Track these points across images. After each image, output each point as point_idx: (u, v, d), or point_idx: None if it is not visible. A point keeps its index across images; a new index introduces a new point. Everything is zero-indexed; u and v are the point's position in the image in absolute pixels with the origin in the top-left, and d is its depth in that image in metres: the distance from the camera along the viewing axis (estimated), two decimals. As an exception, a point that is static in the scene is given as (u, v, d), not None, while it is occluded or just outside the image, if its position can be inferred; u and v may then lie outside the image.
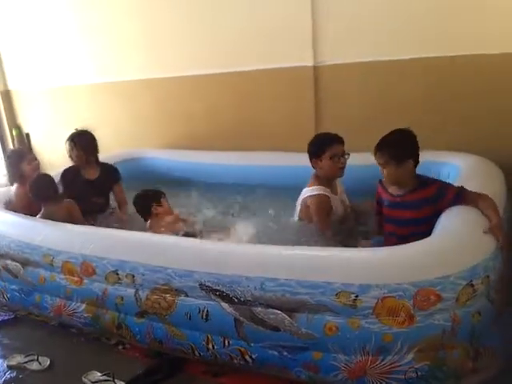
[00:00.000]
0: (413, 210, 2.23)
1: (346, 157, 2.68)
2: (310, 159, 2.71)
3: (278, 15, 3.56)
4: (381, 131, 3.38)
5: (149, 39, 4.18)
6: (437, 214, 2.14)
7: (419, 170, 2.29)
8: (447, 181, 2.90)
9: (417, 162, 2.24)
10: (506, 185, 2.62)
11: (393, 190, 2.31)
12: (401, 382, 1.75)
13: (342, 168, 2.68)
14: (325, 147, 2.65)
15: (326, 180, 2.70)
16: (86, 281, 2.36)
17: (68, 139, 3.32)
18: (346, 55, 3.43)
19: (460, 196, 2.14)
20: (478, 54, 3.06)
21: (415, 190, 2.24)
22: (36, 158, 3.36)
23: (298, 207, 2.75)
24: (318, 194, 2.63)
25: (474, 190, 2.20)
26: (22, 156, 3.30)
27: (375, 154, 2.25)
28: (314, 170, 2.73)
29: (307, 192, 2.69)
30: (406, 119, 3.34)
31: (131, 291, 2.22)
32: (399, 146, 2.22)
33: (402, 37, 3.25)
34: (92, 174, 3.36)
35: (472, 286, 1.74)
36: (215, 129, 3.94)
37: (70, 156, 3.34)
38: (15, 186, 3.25)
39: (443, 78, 3.22)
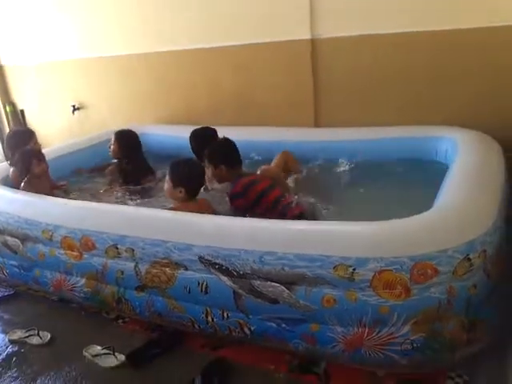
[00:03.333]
0: None
1: None
2: None
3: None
4: (378, 104, 3.40)
5: (146, 12, 4.10)
6: None
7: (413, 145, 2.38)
8: (443, 155, 2.93)
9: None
10: (504, 159, 2.62)
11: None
12: (397, 354, 1.78)
13: None
14: None
15: None
16: (85, 255, 2.37)
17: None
18: (344, 28, 3.39)
19: None
20: (479, 28, 3.02)
21: None
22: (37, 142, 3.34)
23: None
24: None
25: (470, 165, 2.24)
26: (30, 137, 3.27)
27: None
28: None
29: None
30: (403, 92, 3.36)
31: (131, 265, 2.23)
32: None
33: (399, 10, 3.20)
34: None
35: (469, 259, 1.75)
36: (214, 103, 3.90)
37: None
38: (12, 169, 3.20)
39: (441, 52, 3.19)
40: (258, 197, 2.51)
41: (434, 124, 3.19)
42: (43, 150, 3.23)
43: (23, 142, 3.26)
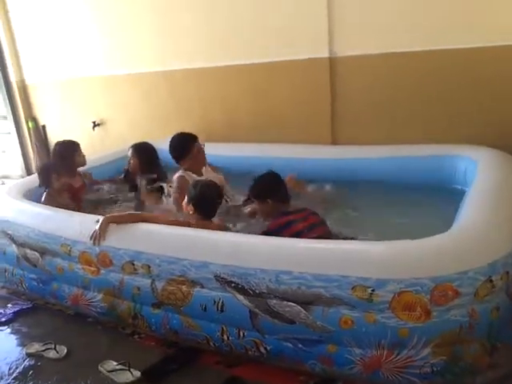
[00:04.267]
0: None
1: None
2: None
3: (293, 7, 3.53)
4: (396, 122, 3.39)
5: (165, 31, 4.18)
6: None
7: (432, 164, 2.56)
8: (464, 175, 2.89)
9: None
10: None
11: None
12: (416, 377, 1.75)
13: None
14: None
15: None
16: (102, 271, 2.39)
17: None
18: (361, 47, 3.40)
19: None
20: (498, 46, 3.00)
21: None
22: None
23: None
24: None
25: (490, 184, 2.20)
26: (75, 148, 3.36)
27: None
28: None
29: None
30: (422, 111, 3.34)
31: (147, 282, 2.24)
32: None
33: (416, 28, 3.20)
34: None
35: (491, 281, 1.72)
36: (231, 121, 3.93)
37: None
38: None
39: (460, 71, 3.17)
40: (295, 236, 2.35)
41: (452, 142, 3.16)
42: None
43: (68, 152, 3.35)
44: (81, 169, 3.48)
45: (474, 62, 3.11)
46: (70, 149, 3.37)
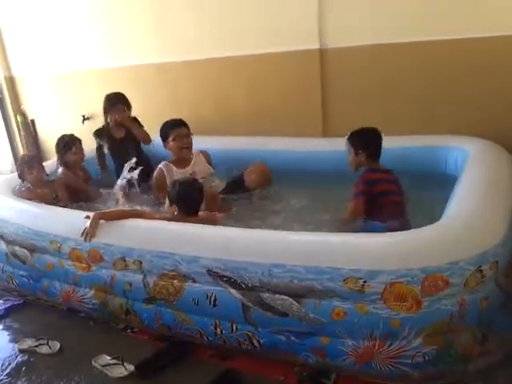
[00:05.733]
0: None
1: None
2: None
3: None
4: (387, 113, 3.39)
5: (157, 23, 4.13)
6: None
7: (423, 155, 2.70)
8: (454, 165, 2.91)
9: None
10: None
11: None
12: (409, 367, 1.77)
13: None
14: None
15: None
16: (93, 267, 2.38)
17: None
18: (351, 38, 3.39)
19: None
20: (492, 37, 3.00)
21: None
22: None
23: None
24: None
25: (482, 174, 2.21)
26: (70, 144, 3.36)
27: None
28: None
29: None
30: (411, 102, 3.35)
31: (139, 277, 2.23)
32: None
33: (407, 19, 3.19)
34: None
35: (481, 271, 1.74)
36: (224, 113, 3.91)
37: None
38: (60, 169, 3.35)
39: (452, 62, 3.17)
40: (379, 194, 2.51)
41: (443, 133, 3.17)
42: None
43: (66, 148, 3.36)
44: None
45: (466, 53, 3.10)
46: (62, 146, 3.37)
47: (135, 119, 3.67)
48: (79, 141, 3.42)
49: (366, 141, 2.62)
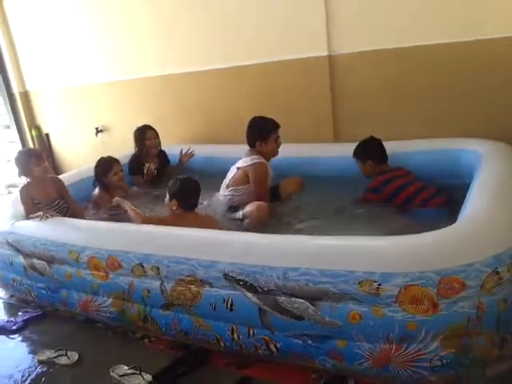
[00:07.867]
0: None
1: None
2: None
3: (290, 6, 3.55)
4: (397, 117, 3.39)
5: (164, 36, 4.21)
6: None
7: (435, 158, 2.99)
8: (467, 168, 2.90)
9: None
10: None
11: None
12: (426, 370, 1.75)
13: None
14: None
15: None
16: (111, 275, 2.41)
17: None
18: (360, 44, 3.42)
19: None
20: (500, 38, 3.01)
21: None
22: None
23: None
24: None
25: (496, 176, 2.21)
26: (110, 167, 3.28)
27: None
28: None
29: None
30: (423, 106, 3.35)
31: (157, 283, 2.26)
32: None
33: (416, 23, 3.22)
34: None
35: (497, 273, 1.72)
36: (233, 121, 3.94)
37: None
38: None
39: (464, 65, 3.17)
40: (391, 195, 2.81)
41: (455, 136, 3.16)
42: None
43: (105, 170, 3.29)
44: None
45: (475, 56, 3.11)
46: (105, 167, 3.32)
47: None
48: (118, 162, 3.35)
49: (367, 150, 2.99)
